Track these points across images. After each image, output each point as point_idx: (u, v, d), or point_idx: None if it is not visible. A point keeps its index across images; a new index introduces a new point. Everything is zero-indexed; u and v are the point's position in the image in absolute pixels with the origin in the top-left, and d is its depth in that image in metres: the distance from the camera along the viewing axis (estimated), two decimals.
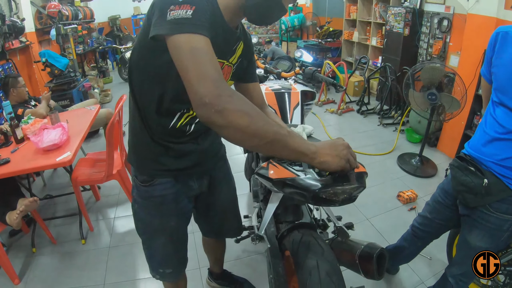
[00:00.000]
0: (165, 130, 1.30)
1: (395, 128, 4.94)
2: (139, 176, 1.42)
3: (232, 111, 0.91)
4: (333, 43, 7.61)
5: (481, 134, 1.64)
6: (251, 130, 0.93)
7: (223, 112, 0.90)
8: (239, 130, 0.92)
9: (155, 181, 1.39)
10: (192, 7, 0.97)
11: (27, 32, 5.33)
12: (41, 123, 2.95)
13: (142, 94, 1.26)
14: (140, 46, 1.18)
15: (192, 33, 0.96)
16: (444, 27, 4.57)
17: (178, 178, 1.44)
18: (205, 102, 0.90)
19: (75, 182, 2.81)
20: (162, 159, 1.37)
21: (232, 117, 0.91)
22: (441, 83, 3.39)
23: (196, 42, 0.96)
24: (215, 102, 0.90)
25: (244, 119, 0.92)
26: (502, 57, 1.52)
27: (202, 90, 0.90)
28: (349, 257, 1.43)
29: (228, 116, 0.91)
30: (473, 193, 1.59)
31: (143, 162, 1.40)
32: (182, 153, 1.39)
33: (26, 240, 2.89)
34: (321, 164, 1.03)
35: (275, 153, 1.00)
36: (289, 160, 1.02)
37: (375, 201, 3.28)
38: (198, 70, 0.93)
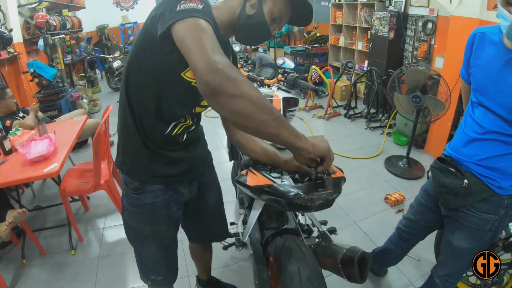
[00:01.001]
0: (161, 137, 1.33)
1: (382, 131, 4.98)
2: (130, 184, 1.43)
3: (244, 81, 0.93)
4: (320, 48, 7.66)
5: (460, 135, 1.66)
6: (262, 103, 0.94)
7: (236, 80, 0.91)
8: (250, 101, 0.93)
9: (147, 188, 1.41)
10: (202, 4, 1.04)
11: (15, 43, 5.31)
12: (28, 134, 2.94)
13: (140, 99, 1.27)
14: (139, 49, 1.21)
15: (202, 18, 1.01)
16: (429, 29, 4.64)
17: (169, 185, 1.46)
18: (218, 68, 0.91)
19: (63, 193, 2.80)
20: (154, 166, 1.39)
21: (244, 87, 0.92)
22: (425, 86, 3.44)
23: (205, 23, 1.01)
24: (229, 70, 0.91)
25: (255, 91, 0.95)
26: (480, 57, 1.54)
27: (216, 58, 0.92)
28: (332, 262, 1.45)
29: (241, 84, 0.92)
30: (453, 194, 1.61)
31: (135, 168, 1.41)
32: (174, 160, 1.42)
33: (16, 252, 2.87)
34: (313, 146, 1.05)
35: (277, 132, 0.99)
36: (284, 144, 1.02)
37: (362, 204, 3.31)
38: (209, 42, 0.96)
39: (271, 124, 0.96)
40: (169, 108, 1.28)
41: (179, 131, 1.37)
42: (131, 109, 1.29)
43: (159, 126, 1.31)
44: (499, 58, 1.43)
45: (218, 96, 0.92)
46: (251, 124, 0.96)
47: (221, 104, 0.94)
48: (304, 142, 1.04)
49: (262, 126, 0.96)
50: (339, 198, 3.20)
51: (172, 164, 1.42)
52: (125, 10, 10.39)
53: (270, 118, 0.95)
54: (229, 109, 0.94)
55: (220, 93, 0.91)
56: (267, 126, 0.96)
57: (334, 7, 7.09)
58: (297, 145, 1.03)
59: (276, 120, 0.97)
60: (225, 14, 1.26)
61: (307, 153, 1.05)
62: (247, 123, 0.96)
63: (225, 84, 0.90)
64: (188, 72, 1.18)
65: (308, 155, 1.06)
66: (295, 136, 1.03)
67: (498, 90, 1.44)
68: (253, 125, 0.96)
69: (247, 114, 0.94)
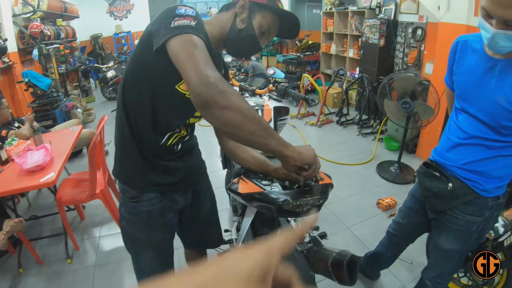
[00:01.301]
0: (156, 147, 1.38)
1: (374, 137, 5.03)
2: (127, 192, 1.47)
3: (233, 94, 1.00)
4: (311, 56, 7.73)
5: (445, 140, 1.71)
6: (251, 114, 1.02)
7: (227, 92, 0.98)
8: (240, 113, 0.99)
9: (143, 197, 1.45)
10: (195, 20, 1.12)
11: (9, 52, 5.32)
12: (24, 144, 2.96)
13: (136, 111, 1.32)
14: (136, 62, 1.26)
15: (194, 35, 1.08)
16: (418, 36, 4.72)
17: (165, 193, 1.50)
18: (210, 82, 0.97)
19: (59, 202, 2.82)
20: (150, 175, 1.43)
21: (234, 99, 0.99)
22: (414, 92, 3.50)
23: (196, 39, 1.08)
24: (219, 84, 0.98)
25: (244, 103, 1.02)
26: (462, 65, 1.58)
27: (208, 72, 0.99)
28: (323, 266, 1.49)
29: (231, 97, 0.99)
30: (439, 198, 1.65)
31: (132, 177, 1.46)
32: (169, 170, 1.46)
33: (13, 261, 2.89)
34: (299, 155, 1.13)
35: (264, 141, 1.06)
36: (272, 153, 1.09)
37: (355, 209, 3.35)
38: (201, 57, 1.03)
39: (259, 134, 1.03)
40: (165, 119, 1.33)
41: (174, 141, 1.42)
42: (128, 120, 1.34)
43: (155, 137, 1.36)
44: (481, 65, 1.48)
45: (210, 107, 0.99)
46: (241, 133, 1.03)
47: (212, 115, 1.01)
48: (291, 151, 1.11)
49: (251, 136, 1.03)
50: (332, 204, 3.28)
51: (168, 173, 1.47)
52: (118, 20, 10.43)
53: (259, 128, 1.02)
54: (220, 119, 1.01)
55: (212, 104, 0.98)
56: (256, 136, 1.03)
57: (325, 15, 7.16)
58: (284, 153, 1.11)
59: (264, 130, 1.04)
60: (217, 29, 1.32)
61: (293, 161, 1.12)
62: (237, 132, 1.03)
63: (216, 96, 0.97)
64: (182, 85, 1.23)
65: (294, 163, 1.13)
66: (282, 145, 1.10)
67: (480, 97, 1.48)
68: (242, 134, 1.03)
69: (237, 124, 1.01)
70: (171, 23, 1.08)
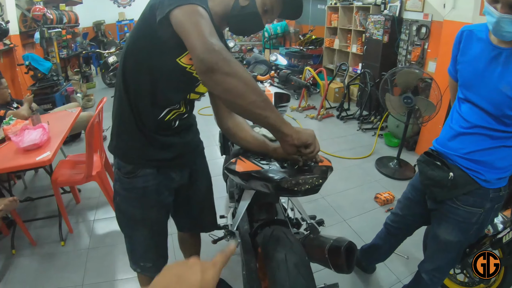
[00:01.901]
0: (154, 122, 1.37)
1: (374, 132, 5.02)
2: (122, 168, 1.46)
3: (236, 63, 1.01)
4: (314, 50, 7.71)
5: (447, 130, 1.70)
6: (253, 84, 1.02)
7: (230, 61, 0.99)
8: (242, 81, 1.00)
9: (138, 172, 1.44)
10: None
11: (11, 35, 5.30)
12: (22, 124, 2.95)
13: (136, 84, 1.31)
14: (137, 36, 1.25)
15: (199, 6, 1.08)
16: (423, 34, 4.69)
17: (161, 170, 1.49)
18: (215, 49, 0.98)
19: (55, 183, 2.81)
20: (147, 150, 1.42)
21: (237, 67, 1.00)
22: (417, 87, 3.48)
23: (202, 10, 1.07)
24: (224, 52, 0.99)
25: (247, 73, 1.02)
26: (467, 54, 1.57)
27: (213, 40, 1.00)
28: (319, 253, 1.47)
29: (234, 65, 0.99)
30: (439, 187, 1.64)
31: (128, 152, 1.45)
32: (166, 145, 1.45)
33: (6, 242, 2.87)
34: (297, 133, 1.11)
35: (265, 113, 1.05)
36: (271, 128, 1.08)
37: (352, 202, 3.34)
38: (206, 26, 1.03)
39: (260, 105, 1.03)
40: (164, 93, 1.32)
41: (172, 117, 1.41)
42: (127, 94, 1.33)
43: (154, 111, 1.35)
44: (485, 54, 1.47)
45: (212, 73, 0.99)
46: (242, 102, 1.03)
47: (215, 80, 1.00)
48: (289, 128, 1.10)
49: (252, 106, 1.02)
50: (329, 196, 3.26)
51: (164, 148, 1.45)
52: (122, 7, 10.38)
53: (259, 99, 1.02)
54: (222, 86, 1.01)
55: (215, 70, 0.98)
56: (256, 106, 1.03)
57: (330, 9, 7.13)
58: (283, 130, 1.09)
59: (264, 102, 1.03)
60: (220, 6, 1.31)
61: (291, 139, 1.10)
62: (238, 101, 1.03)
63: (220, 62, 0.97)
64: (183, 58, 1.22)
65: (292, 141, 1.11)
66: (281, 120, 1.08)
67: (484, 86, 1.47)
68: (243, 103, 1.03)
69: (238, 92, 1.01)
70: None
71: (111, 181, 3.20)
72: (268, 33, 8.67)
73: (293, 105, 6.16)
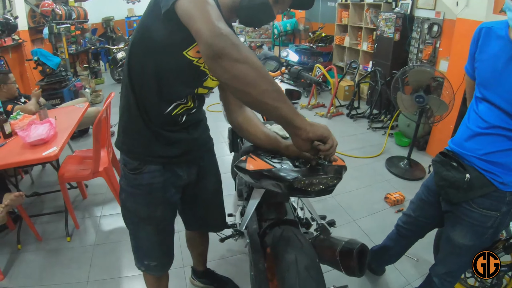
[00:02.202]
0: (160, 116, 1.34)
1: (384, 132, 4.95)
2: (128, 164, 1.43)
3: (246, 48, 0.95)
4: (324, 47, 7.65)
5: (464, 129, 1.65)
6: (264, 72, 0.96)
7: (239, 46, 0.93)
8: (253, 68, 0.93)
9: (144, 169, 1.41)
10: None
11: (20, 30, 5.33)
12: (29, 119, 2.94)
13: (142, 78, 1.28)
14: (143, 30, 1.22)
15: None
16: (434, 32, 4.62)
17: (167, 167, 1.46)
18: (222, 33, 0.92)
19: (61, 178, 2.79)
20: (153, 146, 1.39)
21: (248, 53, 0.94)
22: (429, 86, 3.42)
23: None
24: (232, 37, 0.94)
25: (257, 60, 0.96)
26: (485, 51, 1.52)
27: (220, 25, 0.94)
28: (330, 254, 1.44)
29: (244, 50, 0.93)
30: (455, 188, 1.59)
31: (134, 148, 1.42)
32: (173, 141, 1.42)
33: (12, 237, 2.87)
34: (312, 126, 1.05)
35: (277, 104, 0.98)
36: (283, 120, 1.02)
37: (362, 203, 3.29)
38: (213, 12, 0.98)
39: (271, 95, 0.96)
40: (170, 87, 1.28)
41: (179, 112, 1.37)
42: (133, 89, 1.30)
43: (161, 105, 1.31)
44: (505, 52, 1.42)
45: (220, 59, 0.92)
46: (252, 91, 0.96)
47: (223, 67, 0.94)
48: (302, 121, 1.03)
49: (263, 96, 0.96)
50: (339, 196, 3.22)
51: (171, 145, 1.42)
52: (131, 3, 10.39)
53: (271, 89, 0.96)
54: (231, 72, 0.94)
55: (223, 55, 0.92)
56: (268, 96, 0.96)
57: (340, 7, 7.06)
58: (295, 123, 1.03)
59: (277, 92, 0.97)
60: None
61: (305, 133, 1.04)
62: (248, 89, 0.96)
63: (228, 47, 0.91)
64: (190, 50, 1.19)
65: (306, 135, 1.04)
66: (293, 112, 1.02)
67: (502, 85, 1.43)
68: (254, 92, 0.96)
69: (248, 80, 0.94)
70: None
71: (118, 177, 3.18)
72: (278, 30, 8.63)
73: (303, 102, 6.11)
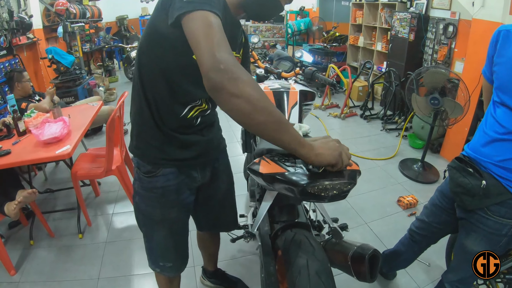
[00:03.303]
0: (175, 119, 1.33)
1: (398, 133, 4.91)
2: (142, 167, 1.43)
3: (246, 81, 0.94)
4: (338, 47, 7.61)
5: (480, 134, 1.61)
6: (261, 105, 0.95)
7: (237, 80, 0.93)
8: (250, 102, 0.94)
9: (158, 172, 1.41)
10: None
11: (34, 29, 5.38)
12: (43, 117, 2.97)
13: (154, 81, 1.28)
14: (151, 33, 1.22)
15: (208, 11, 1.01)
16: (450, 33, 4.56)
17: (182, 169, 1.45)
18: (220, 68, 0.93)
19: (74, 176, 2.82)
20: (167, 149, 1.39)
21: (245, 87, 0.94)
22: (444, 88, 3.37)
23: (212, 17, 1.01)
24: (231, 70, 0.94)
25: (256, 92, 0.95)
26: (504, 55, 1.49)
27: (218, 56, 0.94)
28: (341, 258, 1.42)
29: (242, 85, 0.93)
30: (470, 195, 1.55)
31: (148, 151, 1.41)
32: (187, 144, 1.41)
33: (25, 233, 2.91)
34: (317, 156, 1.03)
35: (277, 135, 0.99)
36: (287, 149, 1.03)
37: (374, 205, 3.26)
38: (215, 38, 0.98)
39: (270, 127, 0.97)
40: (183, 89, 1.28)
41: (195, 114, 1.37)
42: (144, 92, 1.30)
43: (175, 108, 1.31)
44: None
45: (218, 93, 0.95)
46: (249, 123, 0.98)
47: (220, 100, 0.97)
48: (308, 150, 1.03)
49: (261, 127, 0.98)
50: (351, 198, 3.20)
51: (185, 147, 1.41)
52: (145, 2, 10.40)
53: (270, 120, 0.96)
54: (227, 106, 0.96)
55: (220, 90, 0.94)
56: (266, 128, 0.98)
57: (354, 6, 7.02)
58: (300, 153, 1.03)
59: (276, 123, 0.97)
60: None
61: (310, 162, 1.05)
62: (245, 121, 0.98)
63: (225, 82, 0.93)
64: None
65: (311, 163, 1.05)
66: (297, 142, 1.01)
67: None
68: (251, 124, 0.98)
69: (243, 113, 0.96)
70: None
71: (131, 176, 3.22)
72: (292, 30, 8.60)
73: (316, 103, 6.08)
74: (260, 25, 10.00)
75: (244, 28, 10.10)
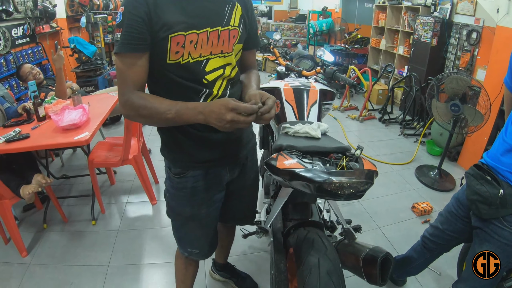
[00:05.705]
0: None
1: (416, 139, 4.84)
2: (172, 168, 1.46)
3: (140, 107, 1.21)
4: (360, 49, 7.54)
5: (500, 143, 1.57)
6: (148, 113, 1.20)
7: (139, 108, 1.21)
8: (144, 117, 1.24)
9: (188, 173, 1.43)
10: (120, 29, 1.18)
11: (58, 18, 5.50)
12: (63, 103, 3.01)
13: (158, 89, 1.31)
14: None
15: (119, 54, 1.18)
16: (473, 39, 4.48)
17: (211, 169, 1.46)
18: (126, 105, 1.22)
19: (91, 163, 2.86)
20: (195, 152, 1.40)
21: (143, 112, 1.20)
22: (465, 95, 3.32)
23: (119, 61, 1.20)
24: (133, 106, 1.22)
25: (145, 111, 1.20)
26: None
27: (125, 97, 1.22)
28: (353, 260, 1.42)
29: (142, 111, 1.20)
30: (487, 204, 1.52)
31: (177, 156, 1.44)
32: (215, 144, 1.40)
33: (39, 216, 2.97)
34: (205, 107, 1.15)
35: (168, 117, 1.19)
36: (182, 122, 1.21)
37: (388, 210, 3.23)
38: (123, 82, 1.22)
39: (161, 121, 1.24)
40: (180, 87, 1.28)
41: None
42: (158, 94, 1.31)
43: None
44: None
45: (128, 117, 1.29)
46: (151, 125, 1.39)
47: (132, 119, 1.34)
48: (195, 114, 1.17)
49: (159, 123, 1.33)
50: (365, 201, 3.18)
51: (214, 148, 1.41)
52: None
53: (163, 117, 1.19)
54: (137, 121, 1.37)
55: (129, 116, 1.28)
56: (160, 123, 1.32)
57: (377, 8, 6.93)
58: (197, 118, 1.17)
59: (163, 115, 1.19)
60: None
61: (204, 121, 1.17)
62: (149, 124, 1.39)
63: (131, 113, 1.24)
64: (171, 56, 1.21)
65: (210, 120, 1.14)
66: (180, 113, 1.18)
67: None
68: (152, 125, 1.38)
69: (146, 122, 1.36)
70: None
71: (147, 166, 3.24)
72: (313, 30, 8.56)
73: (335, 104, 6.05)
74: (282, 23, 9.97)
75: (265, 26, 10.11)
